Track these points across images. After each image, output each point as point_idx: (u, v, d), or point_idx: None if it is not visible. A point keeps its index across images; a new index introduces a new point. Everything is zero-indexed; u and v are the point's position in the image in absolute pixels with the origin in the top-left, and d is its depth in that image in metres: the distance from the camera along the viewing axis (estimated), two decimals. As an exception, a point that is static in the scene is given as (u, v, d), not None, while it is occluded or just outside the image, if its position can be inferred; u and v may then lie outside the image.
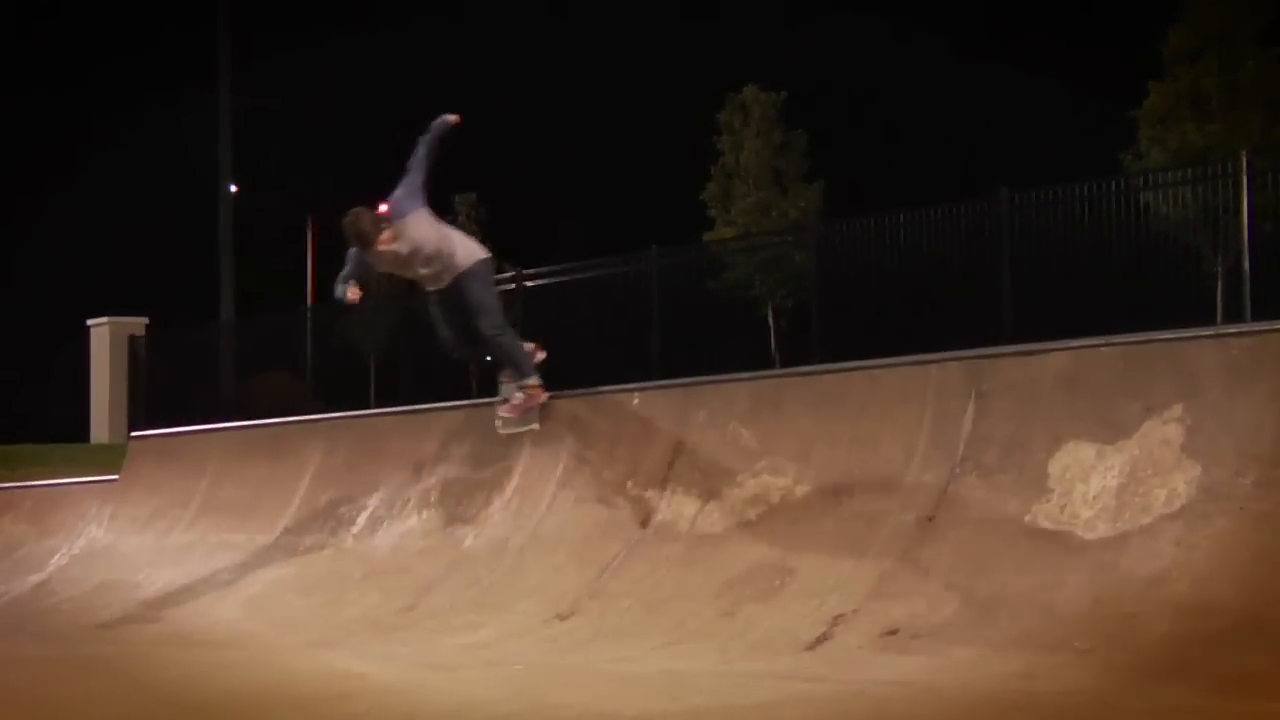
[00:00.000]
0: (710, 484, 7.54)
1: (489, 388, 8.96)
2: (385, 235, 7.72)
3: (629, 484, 7.94)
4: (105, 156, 44.67)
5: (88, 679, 6.86)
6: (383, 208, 7.94)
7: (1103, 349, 6.44)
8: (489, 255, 8.18)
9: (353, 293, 7.90)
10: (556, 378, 8.50)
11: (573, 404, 8.66)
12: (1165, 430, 5.96)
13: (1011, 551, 6.05)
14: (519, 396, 8.22)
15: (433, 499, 9.01)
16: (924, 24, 48.85)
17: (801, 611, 6.32)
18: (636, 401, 8.32)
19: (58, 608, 10.14)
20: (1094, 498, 6.01)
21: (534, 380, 8.23)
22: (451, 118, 7.97)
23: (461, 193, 29.79)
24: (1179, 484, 5.78)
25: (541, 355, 8.43)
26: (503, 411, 8.32)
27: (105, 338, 20.85)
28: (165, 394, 19.66)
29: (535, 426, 8.26)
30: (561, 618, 7.20)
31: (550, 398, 8.44)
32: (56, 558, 11.26)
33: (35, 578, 11.05)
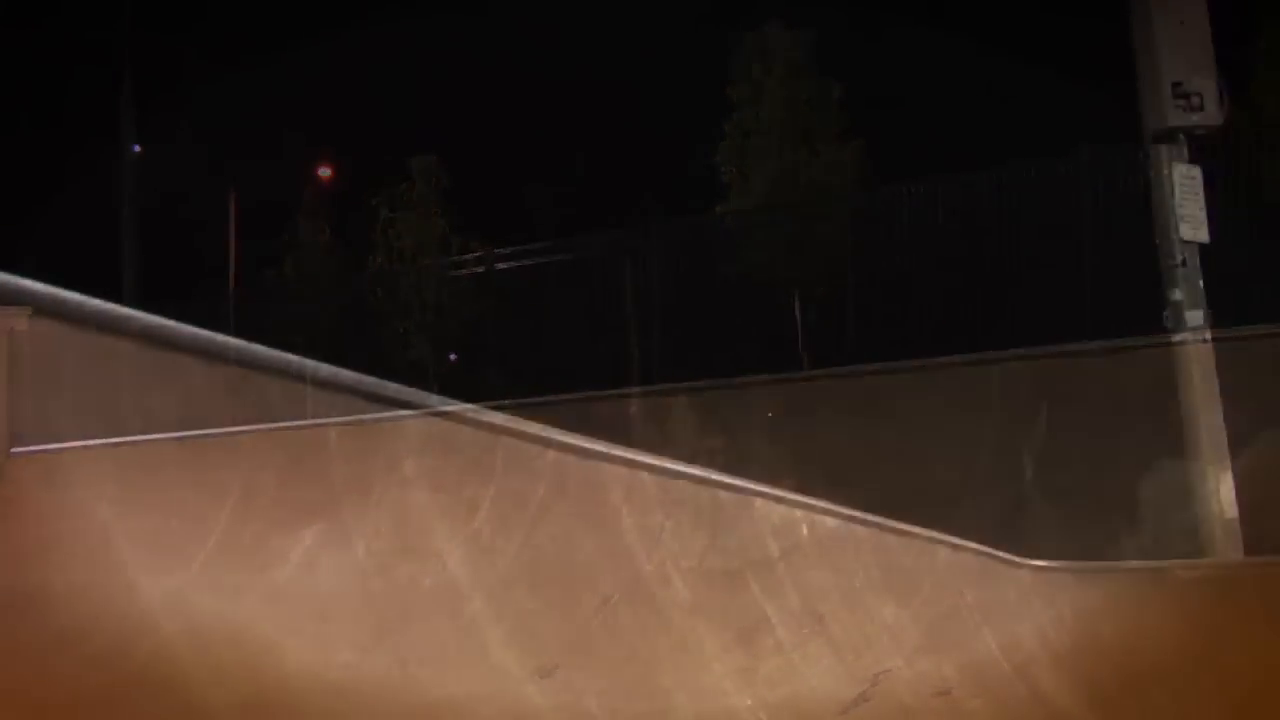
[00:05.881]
0: (724, 510, 7.55)
1: (452, 392, 8.98)
2: None
3: (624, 510, 7.96)
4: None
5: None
6: None
7: (1210, 345, 6.46)
8: None
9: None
10: (537, 381, 8.52)
11: (555, 412, 8.67)
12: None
13: (1093, 593, 6.06)
14: None
15: (384, 529, 9.03)
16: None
17: (835, 667, 6.33)
18: (634, 409, 8.33)
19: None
20: (1194, 526, 6.03)
21: None
22: None
23: (418, 155, 29.70)
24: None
25: None
26: None
27: (-20, 332, 20.84)
28: (53, 401, 19.65)
29: None
30: (542, 673, 7.22)
31: (530, 404, 8.45)
32: (-82, 604, 11.27)
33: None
